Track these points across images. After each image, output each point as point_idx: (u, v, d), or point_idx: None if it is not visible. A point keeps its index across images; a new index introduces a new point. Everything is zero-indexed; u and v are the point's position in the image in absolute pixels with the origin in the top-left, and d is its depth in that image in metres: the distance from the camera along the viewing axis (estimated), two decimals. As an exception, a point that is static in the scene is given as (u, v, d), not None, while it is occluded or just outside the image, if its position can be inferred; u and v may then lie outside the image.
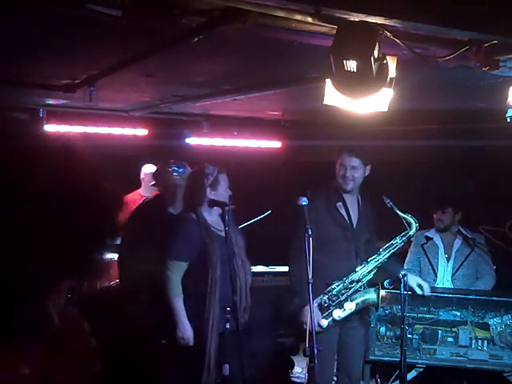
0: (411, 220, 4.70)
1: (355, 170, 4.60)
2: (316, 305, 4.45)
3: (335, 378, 4.86)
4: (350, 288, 4.55)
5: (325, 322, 4.50)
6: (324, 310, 4.53)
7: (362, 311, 4.69)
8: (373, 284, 4.65)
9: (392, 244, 4.69)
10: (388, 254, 4.66)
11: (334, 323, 4.54)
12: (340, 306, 4.52)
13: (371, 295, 4.57)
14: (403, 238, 4.71)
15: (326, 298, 4.52)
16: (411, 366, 4.87)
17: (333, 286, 4.52)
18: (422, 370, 4.95)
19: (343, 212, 4.67)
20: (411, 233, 4.72)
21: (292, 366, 6.26)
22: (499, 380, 4.95)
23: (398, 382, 4.76)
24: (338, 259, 4.55)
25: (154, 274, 4.39)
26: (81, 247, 0.95)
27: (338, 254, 4.56)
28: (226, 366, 4.24)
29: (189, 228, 4.46)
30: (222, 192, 4.59)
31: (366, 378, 4.97)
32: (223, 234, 4.39)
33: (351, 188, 4.64)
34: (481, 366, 4.91)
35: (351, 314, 4.57)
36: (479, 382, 5.13)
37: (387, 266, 4.84)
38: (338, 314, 4.52)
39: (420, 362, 4.93)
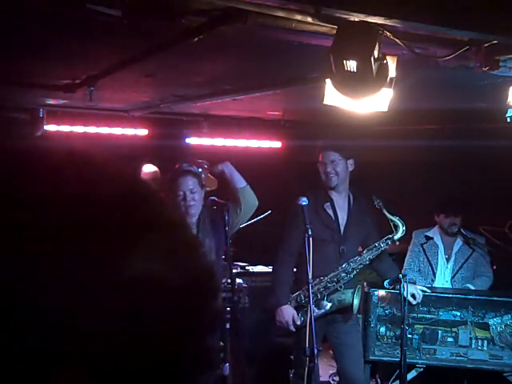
0: (399, 223, 4.66)
1: (335, 164, 4.57)
2: (293, 301, 4.53)
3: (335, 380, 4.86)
4: (329, 287, 4.55)
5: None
6: (300, 306, 4.55)
7: (351, 313, 4.64)
8: (361, 285, 4.67)
9: (375, 246, 4.65)
10: (370, 256, 4.63)
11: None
12: (316, 303, 4.52)
13: (347, 296, 4.54)
14: (387, 241, 4.66)
15: (303, 295, 4.53)
16: (411, 366, 4.87)
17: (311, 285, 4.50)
18: (422, 369, 4.95)
19: (330, 212, 4.64)
20: (396, 237, 4.66)
21: (292, 365, 6.25)
22: (499, 380, 4.95)
23: (397, 382, 4.76)
24: (324, 259, 4.52)
25: None
26: None
27: (324, 254, 4.52)
28: (226, 366, 4.24)
29: None
30: None
31: (366, 378, 4.96)
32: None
33: (335, 183, 4.59)
34: (481, 366, 4.91)
35: (327, 313, 4.56)
36: (479, 382, 5.14)
37: (382, 271, 4.84)
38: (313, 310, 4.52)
39: (420, 361, 4.93)
